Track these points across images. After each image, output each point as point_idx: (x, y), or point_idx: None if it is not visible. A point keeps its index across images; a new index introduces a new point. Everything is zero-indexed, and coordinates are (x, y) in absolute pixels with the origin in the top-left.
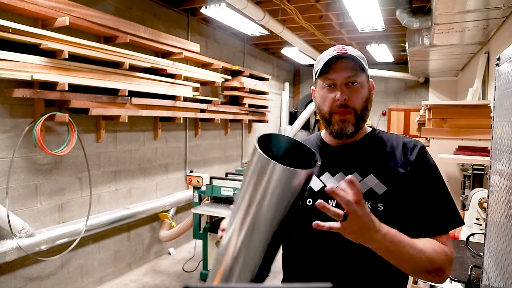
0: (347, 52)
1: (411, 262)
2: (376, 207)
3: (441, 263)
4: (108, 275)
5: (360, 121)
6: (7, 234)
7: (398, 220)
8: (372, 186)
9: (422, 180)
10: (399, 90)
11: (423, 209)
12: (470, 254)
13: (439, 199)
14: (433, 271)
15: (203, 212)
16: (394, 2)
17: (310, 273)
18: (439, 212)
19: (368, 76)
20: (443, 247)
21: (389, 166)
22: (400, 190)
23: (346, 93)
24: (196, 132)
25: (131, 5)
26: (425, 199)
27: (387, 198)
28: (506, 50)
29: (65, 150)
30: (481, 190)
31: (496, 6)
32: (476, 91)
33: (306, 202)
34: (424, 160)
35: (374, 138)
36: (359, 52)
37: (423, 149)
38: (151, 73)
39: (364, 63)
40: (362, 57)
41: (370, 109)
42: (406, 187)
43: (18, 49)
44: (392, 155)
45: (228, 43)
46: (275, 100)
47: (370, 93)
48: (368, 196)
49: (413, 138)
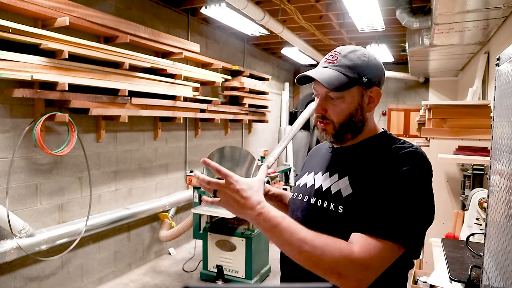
0: (333, 63)
1: (292, 249)
2: (337, 209)
3: (332, 260)
4: (108, 275)
5: (341, 132)
6: (7, 234)
7: (356, 224)
8: (341, 188)
9: (388, 182)
10: (399, 90)
11: (370, 208)
12: (470, 254)
13: (391, 203)
14: (326, 269)
15: (203, 212)
16: (394, 2)
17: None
18: (381, 214)
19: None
20: (344, 244)
21: (364, 170)
22: (365, 195)
23: (323, 106)
24: (196, 132)
25: (131, 5)
26: (378, 200)
27: (349, 201)
28: (506, 50)
29: (65, 150)
30: (481, 190)
31: (496, 6)
32: (476, 91)
33: (298, 197)
34: (400, 162)
35: (371, 142)
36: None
37: (409, 153)
38: (151, 73)
39: (355, 74)
40: (358, 66)
41: (361, 118)
42: (372, 191)
43: (18, 49)
44: (374, 160)
45: (228, 43)
46: (275, 100)
47: (362, 104)
48: (334, 197)
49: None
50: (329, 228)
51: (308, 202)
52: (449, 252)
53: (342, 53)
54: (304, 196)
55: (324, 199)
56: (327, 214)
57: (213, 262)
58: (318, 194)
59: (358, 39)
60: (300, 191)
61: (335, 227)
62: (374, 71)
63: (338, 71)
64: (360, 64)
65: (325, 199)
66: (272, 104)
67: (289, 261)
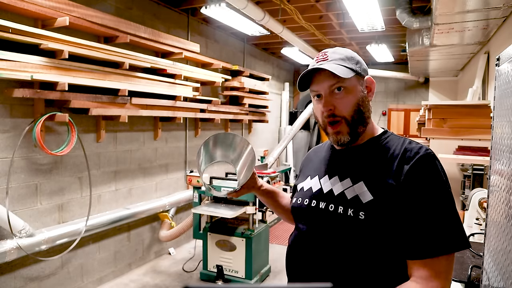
0: (327, 60)
1: None
2: (357, 215)
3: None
4: (108, 275)
5: (355, 126)
6: (7, 234)
7: (379, 232)
8: (359, 194)
9: (412, 194)
10: (399, 90)
11: (408, 228)
12: (470, 254)
13: (429, 218)
14: None
15: (203, 212)
16: (394, 2)
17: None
18: (426, 232)
19: (359, 75)
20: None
21: (381, 175)
22: (387, 202)
23: (331, 102)
24: (196, 132)
25: (131, 5)
26: (412, 216)
27: (371, 207)
28: (506, 50)
29: (65, 150)
30: (481, 190)
31: (496, 6)
32: (476, 91)
33: (304, 202)
34: (419, 171)
35: (377, 143)
36: (346, 51)
37: (424, 158)
38: (151, 73)
39: (351, 64)
40: (349, 57)
41: (367, 109)
42: (394, 199)
43: (18, 49)
44: (388, 164)
45: (228, 43)
46: (275, 100)
47: (364, 93)
48: (352, 203)
49: (421, 145)
50: (349, 234)
51: (317, 207)
52: None
53: (329, 51)
54: (311, 201)
55: (339, 205)
56: (345, 220)
57: (213, 262)
58: (329, 199)
59: (358, 39)
60: (306, 195)
61: (357, 233)
62: (360, 61)
63: (336, 64)
64: (350, 56)
65: (339, 204)
66: (272, 104)
67: (296, 262)
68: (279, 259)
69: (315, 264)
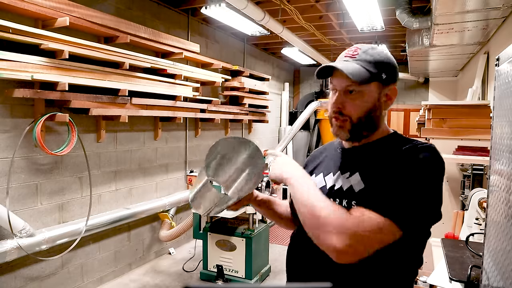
0: (354, 57)
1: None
2: (350, 205)
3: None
4: (108, 275)
5: (359, 128)
6: (8, 234)
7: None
8: (353, 184)
9: (399, 171)
10: (399, 90)
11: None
12: (470, 254)
13: (397, 186)
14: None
15: None
16: (394, 2)
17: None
18: (384, 195)
19: (382, 83)
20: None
21: (377, 166)
22: (377, 188)
23: (342, 100)
24: (196, 132)
25: (131, 5)
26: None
27: (362, 195)
28: (505, 50)
29: (65, 150)
30: (480, 190)
31: (495, 6)
32: (476, 91)
33: None
34: (415, 154)
35: (385, 143)
36: (380, 54)
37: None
38: (151, 73)
39: (376, 69)
40: (378, 62)
41: (381, 116)
42: (384, 184)
43: (19, 49)
44: (388, 158)
45: (228, 43)
46: (275, 100)
47: (380, 102)
48: (346, 194)
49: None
50: None
51: None
52: (448, 252)
53: (362, 49)
54: None
55: (337, 198)
56: None
57: (213, 262)
58: (332, 194)
59: (358, 39)
60: None
61: None
62: (392, 69)
63: (360, 65)
64: (380, 61)
65: (338, 197)
66: (272, 104)
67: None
68: (279, 259)
69: (315, 264)
